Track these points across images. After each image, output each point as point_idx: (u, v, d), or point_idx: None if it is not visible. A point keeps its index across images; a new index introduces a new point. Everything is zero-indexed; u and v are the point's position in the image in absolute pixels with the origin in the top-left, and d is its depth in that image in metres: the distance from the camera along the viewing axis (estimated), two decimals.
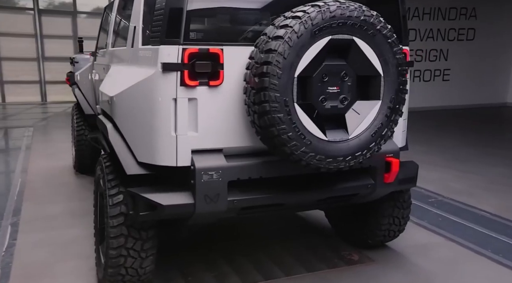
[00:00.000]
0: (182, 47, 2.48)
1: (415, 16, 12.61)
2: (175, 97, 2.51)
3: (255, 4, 2.79)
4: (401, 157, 3.12)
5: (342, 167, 2.58)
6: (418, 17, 12.66)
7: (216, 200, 2.58)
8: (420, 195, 5.50)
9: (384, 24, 2.52)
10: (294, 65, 2.36)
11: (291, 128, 2.39)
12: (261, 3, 2.81)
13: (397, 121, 2.67)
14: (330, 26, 2.39)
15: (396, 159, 2.99)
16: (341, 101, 2.55)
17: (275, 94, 2.33)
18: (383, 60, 2.56)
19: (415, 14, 12.60)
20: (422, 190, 5.69)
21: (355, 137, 2.58)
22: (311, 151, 2.46)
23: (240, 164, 2.65)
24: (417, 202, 5.21)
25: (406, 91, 2.66)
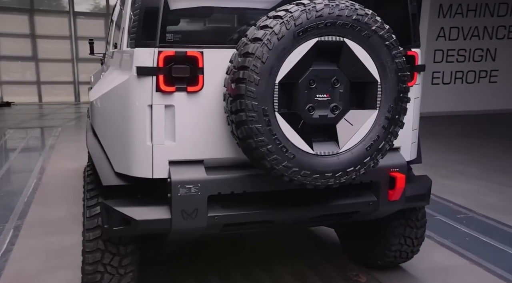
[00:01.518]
0: (158, 50, 2.33)
1: (458, 13, 12.07)
2: (150, 104, 2.37)
3: (239, 3, 2.61)
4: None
5: (332, 184, 2.36)
6: (461, 14, 12.10)
7: (194, 215, 2.42)
8: (447, 209, 5.16)
9: (381, 24, 2.29)
10: (275, 70, 2.16)
11: (271, 141, 2.20)
12: (246, 2, 2.62)
13: (397, 134, 2.43)
14: (316, 27, 2.18)
15: (401, 174, 2.74)
16: (332, 110, 2.33)
17: (252, 103, 2.15)
18: (380, 64, 2.33)
19: (458, 11, 12.05)
20: (451, 204, 5.34)
21: (347, 151, 2.36)
22: (295, 166, 2.26)
23: (222, 177, 2.47)
24: (443, 217, 4.88)
25: (407, 100, 2.41)
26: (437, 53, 12.44)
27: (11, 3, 15.57)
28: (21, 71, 16.28)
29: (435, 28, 12.26)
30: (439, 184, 6.08)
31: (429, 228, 4.47)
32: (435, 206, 5.22)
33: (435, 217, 4.91)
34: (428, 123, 11.56)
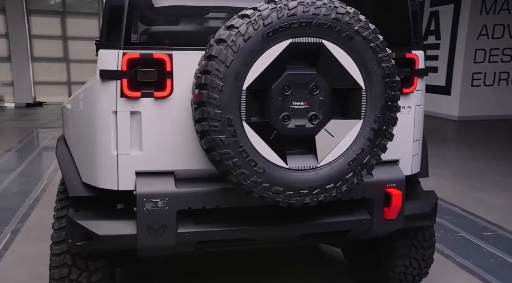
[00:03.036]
0: (123, 52, 2.21)
1: (504, 9, 11.50)
2: (115, 110, 2.25)
3: (213, 1, 2.46)
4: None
5: (309, 202, 2.18)
6: (507, 10, 11.53)
7: (162, 232, 2.29)
8: (473, 225, 4.84)
9: (365, 24, 2.10)
10: (241, 75, 2.01)
11: (237, 153, 2.05)
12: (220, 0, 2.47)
13: (385, 147, 2.23)
14: (289, 27, 2.01)
15: (398, 191, 2.53)
16: (310, 119, 2.16)
17: (215, 111, 2.00)
18: (364, 69, 2.14)
19: (503, 7, 11.48)
20: (478, 219, 5.02)
21: (326, 166, 2.18)
22: (265, 181, 2.09)
23: (192, 191, 2.34)
24: (467, 234, 4.58)
25: (396, 109, 2.20)
26: (478, 53, 11.91)
27: (45, 6, 16.01)
28: (53, 72, 16.71)
29: (476, 26, 11.74)
30: (468, 196, 5.76)
31: (449, 246, 4.22)
32: (459, 220, 4.93)
33: (458, 233, 4.62)
34: (467, 129, 11.08)
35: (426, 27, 13.30)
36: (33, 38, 16.09)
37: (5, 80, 16.13)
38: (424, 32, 13.34)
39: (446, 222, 4.88)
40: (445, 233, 4.60)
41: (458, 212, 5.25)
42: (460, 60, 12.01)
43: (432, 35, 13.08)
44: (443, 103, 12.57)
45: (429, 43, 13.09)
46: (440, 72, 12.83)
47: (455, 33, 12.27)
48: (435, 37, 12.97)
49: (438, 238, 4.43)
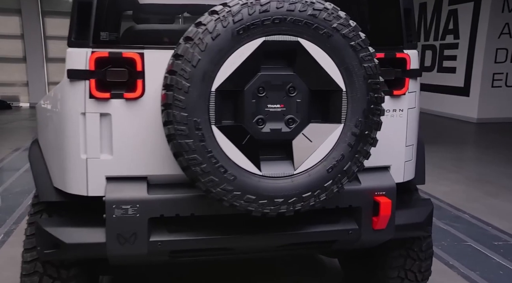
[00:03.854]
0: (91, 51, 2.12)
1: None
2: (83, 112, 2.16)
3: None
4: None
5: (284, 211, 2.06)
6: None
7: (132, 240, 2.20)
8: (483, 233, 4.65)
9: (345, 21, 1.97)
10: (209, 75, 1.90)
11: (205, 159, 1.94)
12: None
13: (367, 153, 2.10)
14: (261, 24, 1.90)
15: (387, 199, 2.39)
16: (287, 123, 2.05)
17: (181, 114, 1.89)
18: (344, 70, 2.01)
19: None
20: (489, 228, 4.82)
21: (304, 173, 2.06)
22: (236, 189, 1.98)
23: (165, 197, 2.23)
24: (475, 243, 4.39)
25: (380, 112, 2.07)
26: (500, 52, 11.60)
27: (60, 7, 16.13)
28: None
29: (497, 24, 11.43)
30: (480, 203, 5.57)
31: (454, 256, 4.05)
32: (468, 228, 4.74)
33: (465, 242, 4.44)
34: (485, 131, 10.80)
35: (444, 26, 13.02)
36: (47, 39, 16.25)
37: (20, 81, 16.34)
38: (442, 31, 13.07)
39: (454, 230, 4.70)
40: (452, 242, 4.42)
41: (468, 219, 5.07)
42: (480, 60, 11.71)
43: (451, 34, 12.80)
44: (461, 105, 12.29)
45: (447, 43, 12.82)
46: (458, 73, 12.55)
47: (474, 32, 11.98)
48: (454, 37, 12.69)
49: (444, 247, 4.27)
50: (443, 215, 5.14)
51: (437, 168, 7.16)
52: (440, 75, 13.20)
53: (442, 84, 13.03)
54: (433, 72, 13.46)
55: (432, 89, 13.24)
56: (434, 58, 13.50)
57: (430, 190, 5.90)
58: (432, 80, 13.37)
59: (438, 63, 13.36)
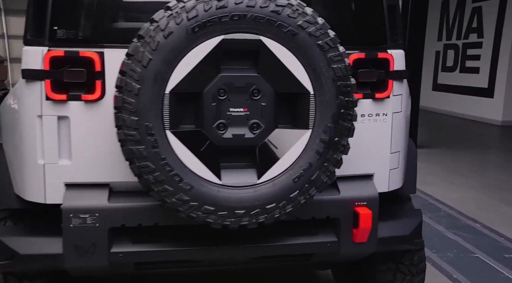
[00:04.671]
0: (48, 49, 2.04)
1: None
2: (40, 114, 2.08)
3: None
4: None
5: (246, 223, 1.95)
6: None
7: (92, 251, 2.11)
8: (494, 245, 4.43)
9: (311, 18, 1.85)
10: (163, 76, 1.80)
11: (159, 167, 1.84)
12: None
13: (337, 161, 1.97)
14: (219, 21, 1.79)
15: (367, 210, 2.26)
16: (251, 128, 1.93)
17: (131, 118, 1.80)
18: (312, 71, 1.89)
19: None
20: (502, 239, 4.61)
21: (268, 182, 1.95)
22: (193, 199, 1.88)
23: (126, 206, 2.14)
24: (484, 255, 4.19)
25: (351, 118, 1.94)
26: None
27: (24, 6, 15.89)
28: None
29: None
30: (494, 211, 5.35)
31: (459, 268, 3.87)
32: (478, 239, 4.53)
33: (473, 254, 4.24)
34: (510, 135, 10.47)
35: (468, 24, 12.70)
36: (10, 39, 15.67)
37: None
38: (465, 30, 12.75)
39: (462, 240, 4.51)
40: (458, 253, 4.23)
41: (479, 228, 4.86)
42: (505, 60, 11.36)
43: (474, 33, 12.48)
44: (484, 107, 11.96)
45: (470, 42, 12.51)
46: (482, 73, 12.22)
47: (500, 30, 11.64)
48: (477, 35, 12.37)
49: (449, 258, 4.09)
50: (452, 223, 4.95)
51: (452, 173, 6.94)
52: (463, 76, 12.88)
53: (465, 85, 12.72)
54: (455, 72, 13.15)
55: (454, 90, 12.94)
56: (457, 58, 13.18)
57: (441, 196, 5.71)
58: (454, 81, 13.06)
59: (461, 63, 13.04)
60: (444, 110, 13.18)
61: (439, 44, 13.78)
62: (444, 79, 13.60)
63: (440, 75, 13.82)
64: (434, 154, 8.13)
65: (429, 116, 12.77)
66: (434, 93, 13.78)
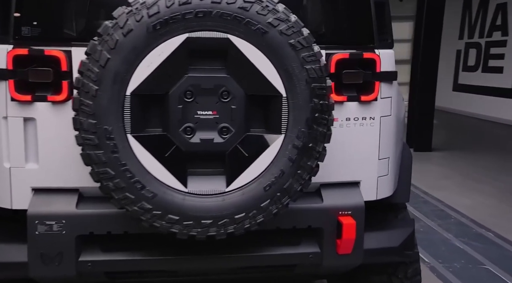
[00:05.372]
0: (12, 48, 2.00)
1: None
2: (5, 116, 2.04)
3: None
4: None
5: (214, 234, 1.86)
6: None
7: (58, 260, 2.06)
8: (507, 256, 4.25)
9: (283, 15, 1.76)
10: (123, 77, 1.74)
11: (119, 173, 1.77)
12: None
13: (312, 169, 1.88)
14: (182, 18, 1.72)
15: (351, 220, 2.17)
16: (221, 132, 1.85)
17: (89, 121, 1.73)
18: (284, 72, 1.80)
19: None
20: None
21: (237, 191, 1.88)
22: (156, 208, 1.81)
23: (95, 213, 2.08)
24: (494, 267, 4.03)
25: (326, 122, 1.85)
26: None
27: None
28: None
29: None
30: (509, 219, 5.17)
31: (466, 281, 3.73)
32: (489, 249, 4.37)
33: (483, 265, 4.08)
34: None
35: (491, 22, 12.40)
36: None
37: None
38: (488, 28, 12.45)
39: (471, 250, 4.34)
40: (466, 264, 4.08)
41: (491, 238, 4.69)
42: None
43: (498, 31, 12.16)
44: (508, 108, 11.65)
45: (494, 40, 12.20)
46: (506, 73, 11.89)
47: None
48: (501, 33, 12.05)
49: (455, 269, 3.95)
50: (462, 231, 4.79)
51: (468, 178, 6.74)
52: (485, 76, 12.57)
53: (487, 86, 12.40)
54: (477, 72, 12.84)
55: (476, 91, 12.64)
56: (479, 57, 12.87)
57: (453, 202, 5.55)
58: (476, 81, 12.76)
59: (483, 63, 12.72)
60: (465, 111, 12.89)
61: (460, 43, 13.48)
62: (465, 79, 13.31)
63: (461, 75, 13.53)
64: (450, 157, 7.94)
65: (448, 118, 12.52)
66: (454, 93, 13.49)
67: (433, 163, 7.58)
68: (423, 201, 5.63)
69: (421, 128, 8.08)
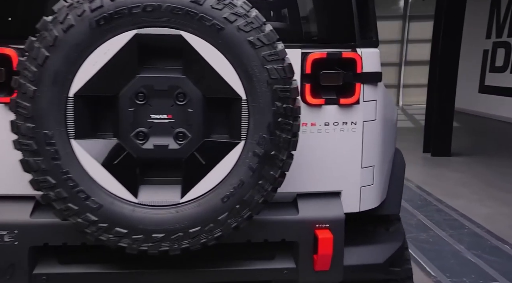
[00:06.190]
0: None
1: None
2: None
3: None
4: None
5: (167, 249, 1.74)
6: None
7: (10, 273, 1.97)
8: None
9: (241, 10, 1.63)
10: (64, 77, 1.63)
11: (60, 181, 1.67)
12: None
13: (275, 179, 1.74)
14: (129, 13, 1.60)
15: (329, 234, 2.04)
16: (176, 138, 1.73)
17: (26, 125, 1.63)
18: (243, 73, 1.67)
19: None
20: None
21: (192, 202, 1.75)
22: (102, 220, 1.70)
23: (50, 222, 1.99)
24: None
25: (291, 128, 1.71)
26: None
27: None
28: None
29: None
30: None
31: None
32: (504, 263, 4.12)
33: (495, 281, 3.86)
34: None
35: None
36: None
37: None
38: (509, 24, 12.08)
39: (484, 264, 4.12)
40: (476, 279, 3.86)
41: (507, 251, 4.45)
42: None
43: None
44: None
45: None
46: None
47: None
48: None
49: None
50: (475, 243, 4.55)
51: (488, 185, 6.46)
52: None
53: None
54: (506, 73, 12.45)
55: (504, 93, 12.26)
56: (508, 57, 12.49)
57: (469, 211, 5.31)
58: (504, 82, 12.38)
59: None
60: (491, 114, 12.52)
61: (487, 42, 13.11)
62: (492, 80, 12.93)
63: (488, 76, 13.15)
64: (471, 163, 7.66)
65: (473, 121, 12.19)
66: (480, 95, 13.13)
67: (450, 169, 7.31)
68: (436, 209, 5.40)
69: (440, 131, 7.83)
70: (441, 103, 7.69)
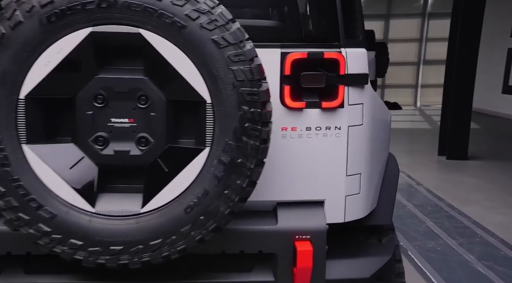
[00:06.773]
0: None
1: None
2: None
3: None
4: None
5: (126, 262, 1.66)
6: None
7: None
8: None
9: (205, 6, 1.54)
10: (13, 77, 1.56)
11: (10, 189, 1.59)
12: None
13: (242, 189, 1.65)
14: (82, 10, 1.51)
15: (309, 246, 1.95)
16: (138, 143, 1.64)
17: None
18: (207, 74, 1.57)
19: None
20: None
21: (154, 212, 1.67)
22: (56, 231, 1.62)
23: None
24: None
25: (259, 133, 1.60)
26: None
27: None
28: None
29: None
30: None
31: None
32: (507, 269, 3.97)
33: None
34: None
35: None
36: None
37: None
38: None
39: (495, 276, 3.96)
40: None
41: None
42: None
43: None
44: None
45: None
46: None
47: None
48: None
49: None
50: (487, 253, 4.38)
51: (504, 191, 6.25)
52: None
53: None
54: None
55: None
56: None
57: (482, 219, 5.13)
58: None
59: None
60: None
61: None
62: None
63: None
64: (488, 167, 7.44)
65: (495, 123, 11.91)
66: (504, 96, 12.81)
67: (466, 173, 7.11)
68: (447, 216, 5.24)
69: (455, 134, 7.62)
70: (458, 104, 7.50)
